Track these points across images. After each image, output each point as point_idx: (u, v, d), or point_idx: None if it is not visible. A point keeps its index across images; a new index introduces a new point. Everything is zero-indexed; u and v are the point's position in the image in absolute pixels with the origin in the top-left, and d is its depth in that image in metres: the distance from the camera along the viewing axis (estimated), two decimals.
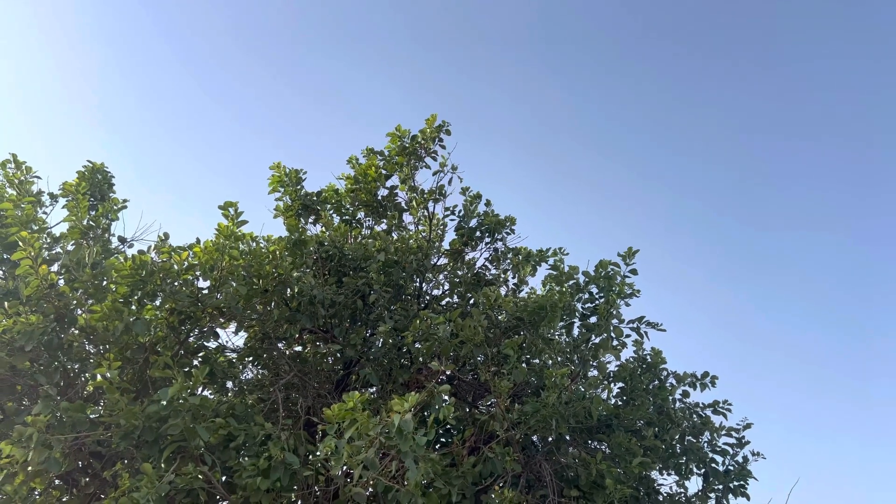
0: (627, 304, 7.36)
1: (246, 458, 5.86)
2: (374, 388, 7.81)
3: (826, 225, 23.12)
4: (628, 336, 7.57)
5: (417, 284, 8.77)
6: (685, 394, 8.31)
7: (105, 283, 6.33)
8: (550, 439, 7.19)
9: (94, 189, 8.13)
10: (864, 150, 21.33)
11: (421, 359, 7.24)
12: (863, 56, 20.28)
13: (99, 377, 6.39)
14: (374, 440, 5.08)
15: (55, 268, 6.65)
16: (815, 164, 22.16)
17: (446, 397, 5.83)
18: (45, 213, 7.94)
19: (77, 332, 6.29)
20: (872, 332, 22.65)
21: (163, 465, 5.47)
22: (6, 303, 6.06)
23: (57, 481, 6.61)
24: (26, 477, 5.28)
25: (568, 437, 7.44)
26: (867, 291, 22.84)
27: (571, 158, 25.47)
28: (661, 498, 7.74)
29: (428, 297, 9.09)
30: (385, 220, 9.21)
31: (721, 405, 8.05)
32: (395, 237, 9.04)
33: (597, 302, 7.57)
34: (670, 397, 8.00)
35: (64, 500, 6.42)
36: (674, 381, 8.29)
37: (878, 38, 19.56)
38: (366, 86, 24.52)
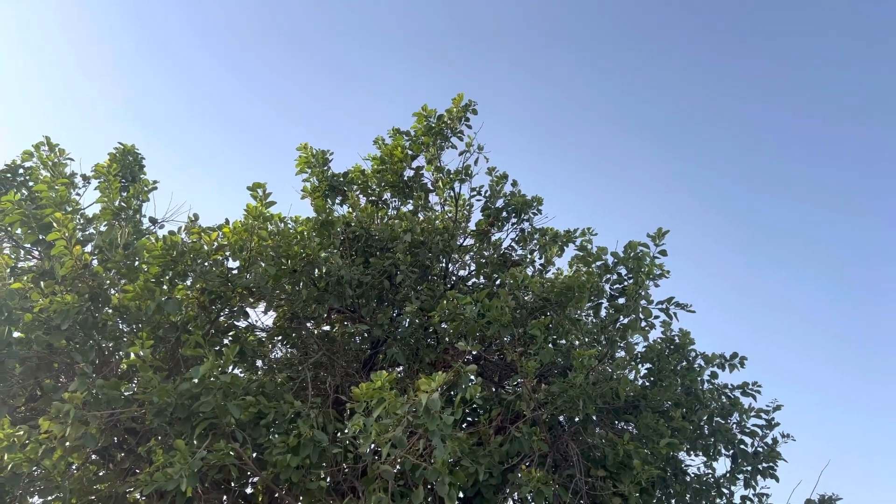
0: (657, 285, 7.29)
1: (276, 436, 5.95)
2: (401, 368, 7.87)
3: (857, 203, 22.61)
4: (657, 317, 7.51)
5: (444, 265, 8.78)
6: (713, 375, 8.24)
7: (137, 263, 6.44)
8: (577, 420, 7.18)
9: (126, 171, 8.25)
10: None
11: (447, 339, 7.27)
12: None
13: (132, 356, 6.52)
14: (402, 419, 5.12)
15: (88, 248, 6.78)
16: (850, 141, 21.60)
17: (473, 377, 5.85)
18: (77, 194, 8.09)
19: (111, 311, 6.42)
20: None
21: (195, 442, 5.57)
22: (42, 283, 6.20)
23: (94, 456, 6.80)
24: (64, 452, 5.41)
25: (595, 418, 7.44)
26: None
27: (597, 138, 25.18)
28: (688, 479, 7.72)
29: (454, 278, 9.10)
30: (411, 201, 9.20)
31: (750, 387, 7.97)
32: (422, 218, 9.04)
33: (625, 283, 7.51)
34: (699, 378, 7.93)
35: (100, 474, 6.60)
36: (702, 363, 8.22)
37: None
38: (391, 67, 24.45)
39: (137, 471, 6.34)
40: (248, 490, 7.70)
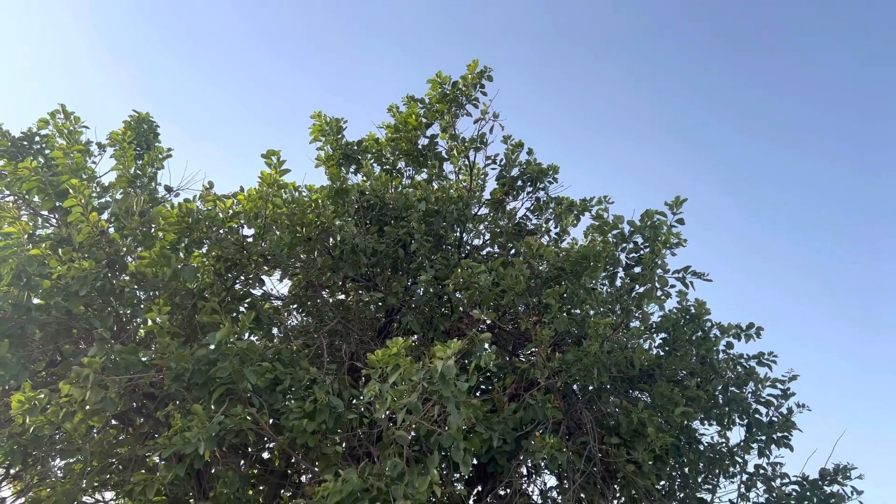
0: (673, 254, 7.22)
1: (292, 401, 6.01)
2: (416, 336, 7.89)
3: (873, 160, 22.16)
4: (673, 286, 7.46)
5: (458, 234, 8.75)
6: (729, 345, 8.20)
7: (153, 230, 6.47)
8: (591, 388, 7.19)
9: (140, 138, 8.24)
10: None
11: (462, 307, 7.26)
12: None
13: (150, 322, 6.58)
14: (417, 385, 5.14)
15: (105, 216, 6.81)
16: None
17: (487, 345, 5.86)
18: (93, 162, 8.11)
19: (128, 278, 6.47)
20: None
21: (212, 407, 5.63)
22: (60, 250, 6.24)
23: (114, 421, 6.91)
24: (84, 415, 5.50)
25: (609, 387, 7.44)
26: None
27: (614, 105, 24.83)
28: (702, 447, 7.73)
29: (469, 247, 9.08)
30: (425, 170, 9.15)
31: (766, 357, 7.92)
32: (436, 187, 8.99)
33: (641, 252, 7.45)
34: (714, 348, 7.90)
35: (120, 438, 6.71)
36: (717, 333, 8.18)
37: None
38: (405, 32, 24.16)
39: (156, 435, 6.44)
40: (266, 455, 7.83)
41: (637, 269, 7.35)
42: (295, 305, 8.49)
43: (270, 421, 6.32)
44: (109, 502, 7.15)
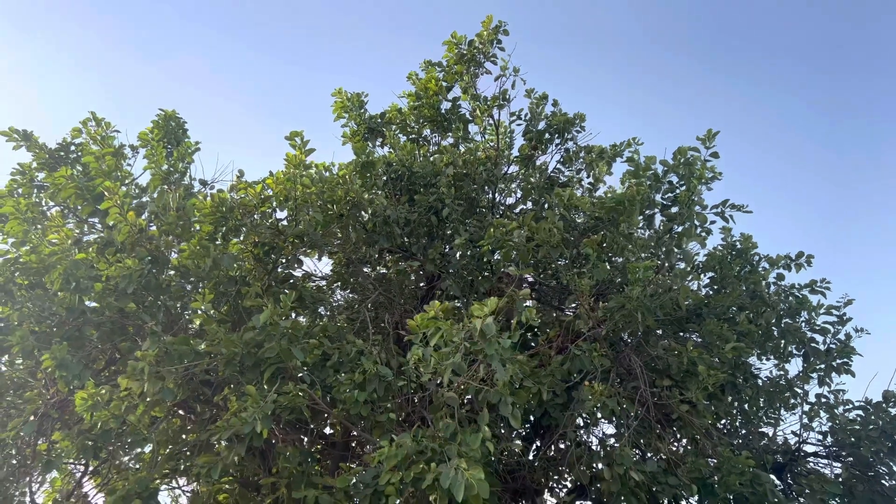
0: (709, 189, 7.05)
1: (342, 374, 6.13)
2: (458, 301, 7.93)
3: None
4: (713, 222, 7.29)
5: (490, 195, 8.70)
6: (780, 277, 8.00)
7: (190, 223, 6.62)
8: (639, 333, 7.12)
9: (170, 136, 8.39)
10: None
11: (500, 267, 7.25)
12: None
13: (199, 311, 6.78)
14: (460, 346, 5.18)
15: (146, 215, 7.00)
16: None
17: (528, 302, 5.84)
18: (129, 164, 8.31)
19: (172, 272, 6.65)
20: None
21: (265, 386, 5.79)
22: (106, 252, 6.45)
23: (177, 410, 7.18)
24: (146, 407, 5.72)
25: (657, 330, 7.36)
26: None
27: (635, 49, 24.10)
28: (760, 382, 7.60)
29: (503, 208, 9.03)
30: (451, 134, 9.09)
31: (819, 284, 7.71)
32: (463, 150, 8.94)
33: (677, 191, 7.28)
34: (763, 281, 7.71)
35: (184, 426, 6.97)
36: (766, 265, 7.98)
37: None
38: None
39: (218, 419, 6.67)
40: (328, 431, 8.03)
41: (674, 209, 7.20)
42: (338, 283, 8.62)
43: (325, 397, 6.47)
44: (182, 487, 7.47)
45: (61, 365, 5.50)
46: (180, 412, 7.26)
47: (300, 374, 6.19)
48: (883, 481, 6.74)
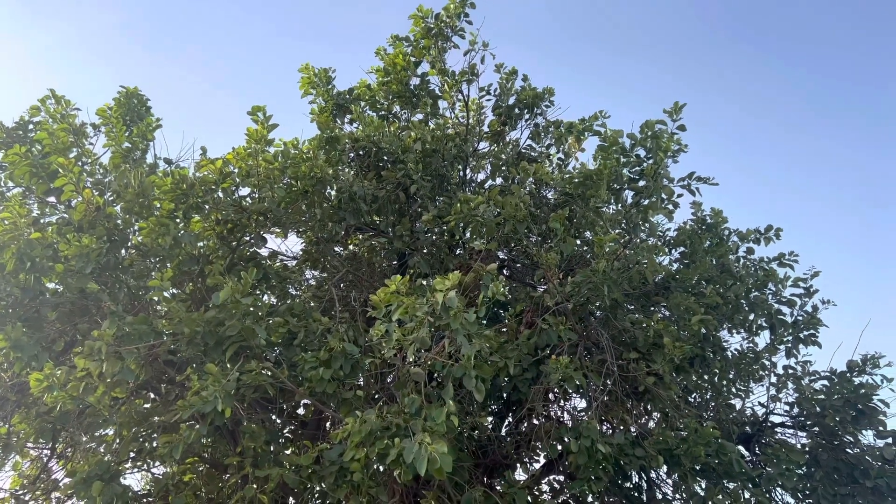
0: (675, 161, 7.02)
1: (308, 353, 6.06)
2: (429, 278, 7.87)
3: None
4: (680, 196, 7.28)
5: (460, 171, 8.62)
6: (750, 250, 8.03)
7: (150, 201, 6.48)
8: (607, 306, 7.12)
9: (132, 113, 8.20)
10: None
11: (466, 242, 7.20)
12: None
13: (162, 293, 6.66)
14: (423, 320, 5.14)
15: (109, 195, 6.84)
16: None
17: (494, 275, 5.79)
18: (91, 143, 8.12)
19: (133, 251, 6.52)
20: None
21: (228, 365, 5.70)
22: (64, 231, 6.29)
23: (144, 392, 7.07)
24: (106, 388, 5.61)
25: (625, 304, 7.35)
26: None
27: (605, 23, 23.97)
28: (729, 355, 7.65)
29: (473, 185, 8.95)
30: (420, 110, 8.98)
31: (787, 257, 7.75)
32: (432, 126, 8.83)
33: (644, 165, 7.25)
34: (731, 255, 7.74)
35: (148, 406, 6.87)
36: (736, 239, 8.01)
37: None
38: None
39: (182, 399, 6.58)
40: (301, 411, 7.97)
41: (641, 183, 7.17)
42: (308, 263, 8.52)
43: (291, 375, 6.40)
44: (151, 469, 7.39)
45: (16, 346, 5.37)
46: (145, 393, 7.16)
47: (266, 353, 6.11)
48: (847, 450, 6.82)
